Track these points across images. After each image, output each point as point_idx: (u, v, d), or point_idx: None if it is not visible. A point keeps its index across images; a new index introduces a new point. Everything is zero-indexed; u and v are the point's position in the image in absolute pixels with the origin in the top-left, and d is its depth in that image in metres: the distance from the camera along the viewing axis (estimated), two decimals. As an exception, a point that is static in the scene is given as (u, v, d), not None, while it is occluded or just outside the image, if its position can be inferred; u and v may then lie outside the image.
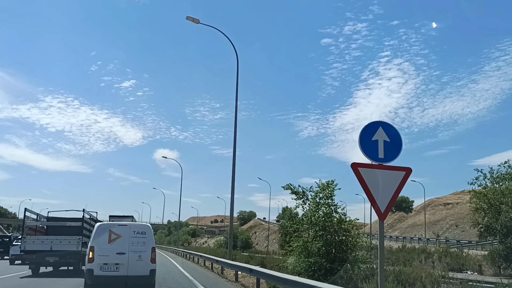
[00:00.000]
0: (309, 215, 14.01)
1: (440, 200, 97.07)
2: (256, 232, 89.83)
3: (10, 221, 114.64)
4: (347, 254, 13.15)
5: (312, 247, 13.42)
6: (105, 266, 10.50)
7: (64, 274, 17.37)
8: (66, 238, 16.72)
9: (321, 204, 13.94)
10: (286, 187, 14.45)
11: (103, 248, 10.61)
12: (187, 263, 28.29)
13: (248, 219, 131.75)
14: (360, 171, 6.25)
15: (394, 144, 6.48)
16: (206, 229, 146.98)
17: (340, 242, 13.32)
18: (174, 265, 24.07)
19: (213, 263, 20.41)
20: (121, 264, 10.55)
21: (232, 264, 14.60)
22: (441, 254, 26.95)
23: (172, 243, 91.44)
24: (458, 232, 55.76)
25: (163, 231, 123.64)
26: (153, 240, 11.28)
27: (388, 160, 6.38)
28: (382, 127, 6.51)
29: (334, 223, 13.51)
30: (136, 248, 10.81)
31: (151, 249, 10.99)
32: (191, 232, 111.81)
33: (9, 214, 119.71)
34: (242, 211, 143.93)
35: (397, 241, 52.89)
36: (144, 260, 10.78)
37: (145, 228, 11.41)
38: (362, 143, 6.36)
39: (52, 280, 15.44)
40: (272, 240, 72.92)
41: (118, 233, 10.89)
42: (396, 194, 6.34)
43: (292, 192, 14.36)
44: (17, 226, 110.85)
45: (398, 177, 6.36)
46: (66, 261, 17.14)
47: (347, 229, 13.51)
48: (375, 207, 6.30)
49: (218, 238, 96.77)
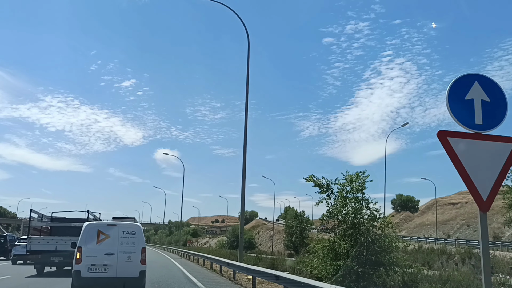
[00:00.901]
0: (335, 211, 12.18)
1: (445, 200, 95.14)
2: (259, 232, 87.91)
3: (10, 220, 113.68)
4: (381, 257, 11.32)
5: (340, 248, 11.60)
6: (93, 267, 10.09)
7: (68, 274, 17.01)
8: (71, 238, 16.15)
9: (349, 199, 12.13)
10: (308, 178, 12.63)
11: (91, 248, 10.19)
12: (191, 265, 26.42)
13: (250, 219, 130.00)
14: (451, 143, 4.38)
15: (496, 104, 4.57)
16: (207, 229, 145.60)
17: (372, 242, 11.50)
18: (178, 268, 22.19)
19: (222, 266, 18.45)
20: (109, 265, 10.14)
21: (252, 270, 12.44)
22: (464, 255, 25.08)
23: (173, 243, 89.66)
24: (470, 232, 53.90)
25: (164, 231, 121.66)
26: (143, 241, 10.81)
27: (488, 128, 4.48)
28: (479, 82, 4.59)
29: (365, 221, 11.69)
30: (125, 248, 10.37)
31: (141, 250, 10.53)
32: (192, 232, 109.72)
33: (9, 213, 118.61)
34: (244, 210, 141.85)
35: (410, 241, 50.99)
36: (134, 261, 10.32)
37: (135, 228, 10.91)
38: (451, 103, 4.47)
39: (57, 279, 15.52)
40: (276, 240, 70.98)
41: (107, 233, 10.48)
42: (502, 175, 4.44)
43: (315, 185, 12.56)
44: (16, 226, 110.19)
45: (504, 151, 4.47)
46: (70, 261, 16.97)
47: (380, 227, 11.69)
48: (473, 193, 4.39)
49: (220, 238, 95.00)
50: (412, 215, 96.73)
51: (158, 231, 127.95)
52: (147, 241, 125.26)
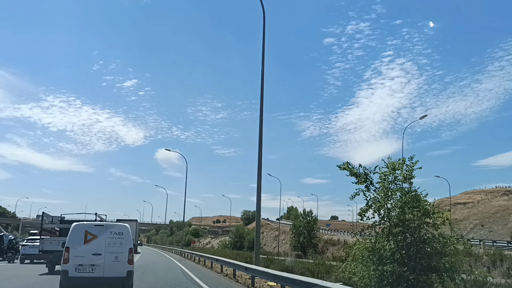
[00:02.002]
0: (377, 205, 10.11)
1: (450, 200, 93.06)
2: (263, 232, 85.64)
3: (9, 220, 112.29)
4: (434, 260, 9.27)
5: (384, 250, 9.53)
6: (80, 267, 10.11)
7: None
8: None
9: (392, 190, 10.07)
10: (343, 166, 10.58)
11: (79, 248, 10.22)
12: (198, 268, 24.29)
13: (253, 219, 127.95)
14: None
15: None
16: (209, 229, 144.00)
17: (423, 242, 9.46)
18: (184, 272, 19.98)
19: (236, 270, 16.29)
20: (97, 265, 10.13)
21: (282, 277, 10.21)
22: (494, 257, 23.01)
23: (174, 243, 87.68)
24: (485, 232, 51.81)
25: (165, 231, 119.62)
26: (130, 241, 10.65)
27: None
28: None
29: (414, 216, 9.63)
30: (112, 249, 10.35)
31: (129, 250, 10.49)
32: (193, 232, 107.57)
33: (8, 213, 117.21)
34: (246, 210, 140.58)
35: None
36: (121, 261, 10.30)
37: (123, 228, 10.81)
38: None
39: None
40: (281, 240, 68.86)
41: (94, 233, 10.44)
42: None
43: (351, 174, 10.51)
44: (15, 225, 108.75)
45: None
46: None
47: (434, 225, 9.61)
48: None
49: (222, 238, 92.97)
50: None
51: (159, 231, 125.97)
52: (148, 241, 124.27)
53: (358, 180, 10.46)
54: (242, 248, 58.60)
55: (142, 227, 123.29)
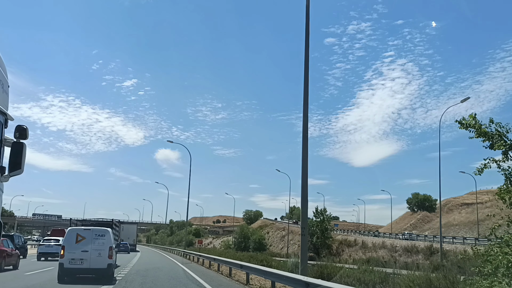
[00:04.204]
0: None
1: (457, 200, 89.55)
2: (269, 232, 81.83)
3: (6, 219, 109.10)
4: None
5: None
6: (73, 260, 13.66)
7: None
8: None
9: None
10: (465, 122, 6.78)
11: (72, 247, 13.82)
12: (212, 275, 20.22)
13: (255, 219, 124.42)
14: None
15: None
16: (209, 229, 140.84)
17: None
18: (199, 283, 15.49)
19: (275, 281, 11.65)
20: (84, 259, 13.74)
21: None
22: None
23: (175, 243, 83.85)
24: (513, 232, 47.99)
25: (165, 231, 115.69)
26: (111, 241, 14.44)
27: None
28: None
29: None
30: (97, 247, 13.96)
31: (109, 248, 14.14)
32: (194, 232, 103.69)
33: (5, 212, 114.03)
34: (248, 210, 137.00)
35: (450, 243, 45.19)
36: (103, 256, 13.92)
37: (104, 231, 14.59)
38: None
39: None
40: (289, 241, 64.91)
41: (83, 235, 14.12)
42: None
43: (478, 134, 6.73)
44: (13, 225, 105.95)
45: None
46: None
47: None
48: None
49: (225, 238, 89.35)
50: (430, 215, 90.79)
51: (159, 231, 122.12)
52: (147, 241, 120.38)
53: (490, 144, 6.67)
54: (247, 248, 54.95)
55: (142, 226, 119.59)
